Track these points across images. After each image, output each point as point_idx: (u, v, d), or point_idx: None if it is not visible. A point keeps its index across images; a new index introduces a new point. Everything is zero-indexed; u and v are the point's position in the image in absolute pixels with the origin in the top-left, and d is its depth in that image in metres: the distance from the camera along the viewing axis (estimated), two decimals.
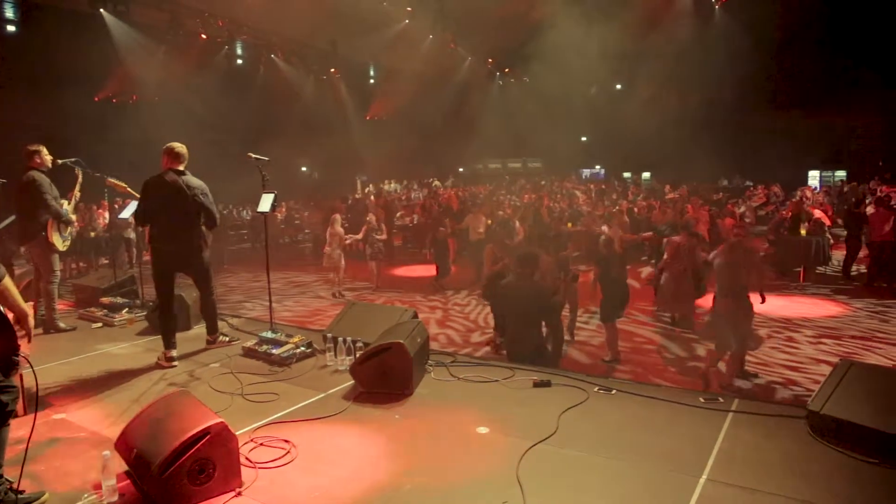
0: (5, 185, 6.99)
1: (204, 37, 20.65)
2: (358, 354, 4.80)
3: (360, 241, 12.13)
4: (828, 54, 21.99)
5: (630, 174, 30.79)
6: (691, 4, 22.17)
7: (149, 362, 5.48)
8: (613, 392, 4.50)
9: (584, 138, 31.55)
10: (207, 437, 3.11)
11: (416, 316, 5.60)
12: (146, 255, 5.95)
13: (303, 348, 5.51)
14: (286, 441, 3.79)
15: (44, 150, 6.46)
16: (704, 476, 3.28)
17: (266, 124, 22.92)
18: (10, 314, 3.06)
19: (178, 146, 5.52)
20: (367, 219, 12.22)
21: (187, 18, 19.94)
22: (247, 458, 3.52)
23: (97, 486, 3.22)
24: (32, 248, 6.57)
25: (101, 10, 17.75)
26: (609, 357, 7.15)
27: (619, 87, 29.20)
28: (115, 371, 5.31)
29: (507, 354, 5.98)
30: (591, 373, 5.43)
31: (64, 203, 6.63)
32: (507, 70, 30.93)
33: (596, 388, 4.55)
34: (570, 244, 9.96)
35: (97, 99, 20.39)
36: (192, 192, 5.42)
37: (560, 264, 7.31)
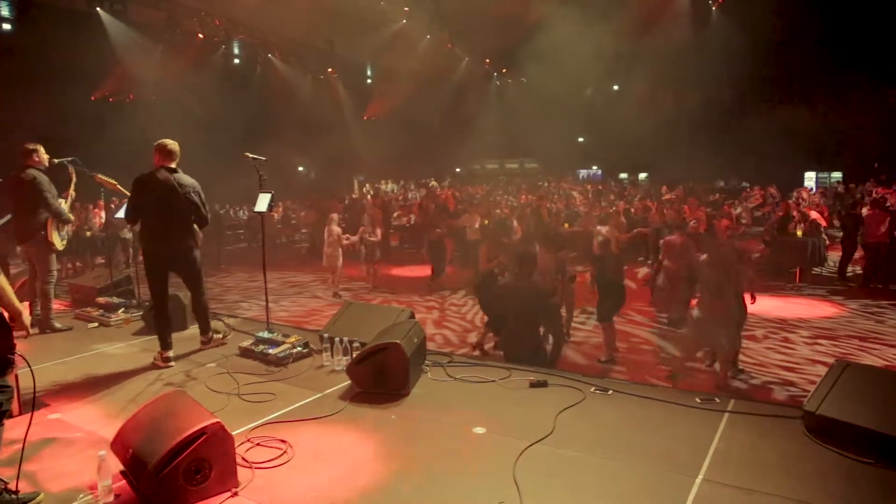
0: (0, 184, 6.96)
1: (201, 36, 20.60)
2: (355, 354, 4.79)
3: (356, 242, 12.14)
4: (825, 55, 22.03)
5: (627, 175, 30.84)
6: (688, 5, 22.20)
7: (145, 362, 5.47)
8: (610, 392, 4.50)
9: (581, 139, 31.58)
10: (204, 437, 3.11)
11: (412, 316, 5.60)
12: (142, 255, 5.94)
13: (299, 348, 5.51)
14: (283, 441, 3.78)
15: (41, 149, 6.44)
16: (701, 476, 3.29)
17: (263, 124, 22.88)
18: (6, 313, 3.05)
19: (171, 143, 5.44)
20: (362, 219, 12.25)
21: (184, 18, 19.89)
22: (243, 458, 3.52)
23: (93, 487, 3.22)
24: (31, 246, 6.54)
25: (98, 8, 17.68)
26: (605, 357, 7.16)
27: (616, 88, 29.24)
28: (111, 371, 5.29)
29: (504, 354, 5.98)
30: (587, 373, 5.43)
31: (61, 202, 6.62)
32: (504, 70, 30.91)
33: (592, 389, 4.56)
34: (568, 245, 9.95)
35: (94, 98, 20.32)
36: (184, 190, 5.34)
37: (558, 265, 7.31)
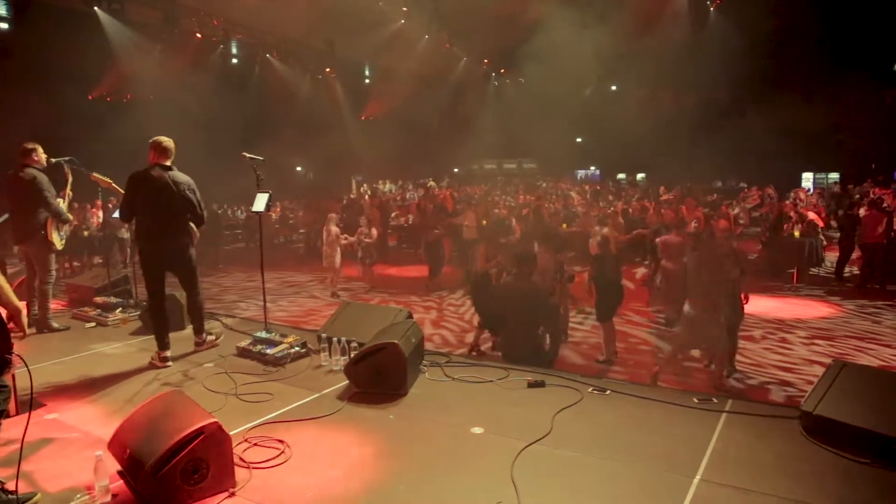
0: None
1: (199, 36, 20.56)
2: (352, 355, 4.79)
3: (354, 242, 12.15)
4: (822, 56, 22.07)
5: (625, 175, 30.85)
6: (686, 5, 22.23)
7: (142, 362, 5.46)
8: (607, 392, 4.51)
9: (579, 139, 31.60)
10: (201, 437, 3.10)
11: (410, 316, 5.60)
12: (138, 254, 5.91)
13: (297, 348, 5.50)
14: (280, 441, 3.78)
15: (39, 149, 6.43)
16: (698, 476, 3.29)
17: (261, 124, 22.84)
18: (4, 312, 3.04)
19: (165, 140, 5.39)
20: (360, 220, 12.29)
21: (182, 17, 19.85)
22: (241, 459, 3.52)
23: (90, 487, 3.21)
24: (30, 246, 6.52)
25: (96, 7, 17.64)
26: (603, 357, 7.16)
27: (614, 88, 29.27)
28: (109, 371, 5.28)
29: (503, 354, 5.98)
30: (585, 373, 5.44)
31: (59, 202, 6.61)
32: (502, 70, 30.92)
33: (590, 389, 4.56)
34: (567, 245, 9.97)
35: (91, 97, 20.28)
36: (179, 188, 5.30)
37: (556, 265, 7.32)
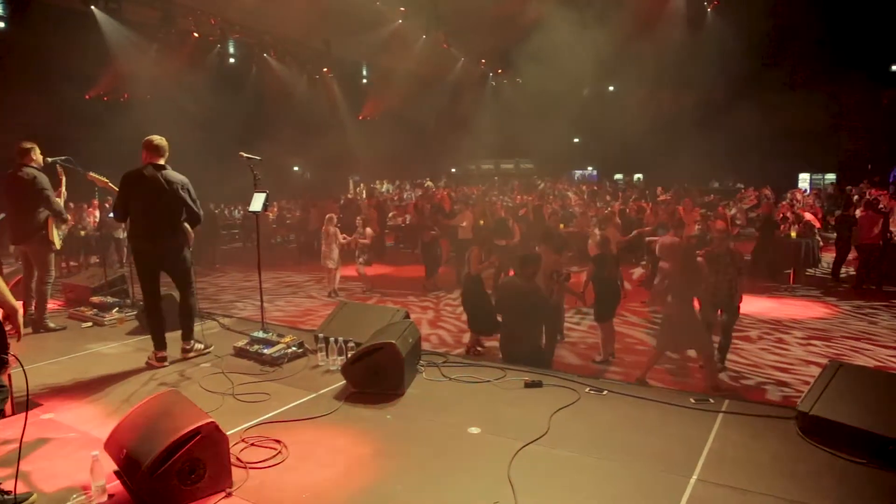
0: None
1: (196, 35, 20.51)
2: (349, 354, 4.79)
3: (351, 241, 12.16)
4: (819, 56, 22.13)
5: (622, 175, 30.88)
6: (684, 6, 22.26)
7: (139, 362, 5.44)
8: (604, 393, 4.51)
9: (576, 139, 31.62)
10: (198, 437, 3.09)
11: (407, 316, 5.59)
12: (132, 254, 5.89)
13: (294, 348, 5.49)
14: (277, 441, 3.78)
15: (37, 148, 6.41)
16: (695, 476, 3.30)
17: (258, 123, 22.83)
18: (0, 311, 3.04)
19: (157, 139, 5.31)
20: (356, 221, 12.31)
21: (179, 16, 19.81)
22: (237, 459, 3.51)
23: (86, 487, 3.20)
24: (30, 246, 6.49)
25: (93, 7, 17.60)
26: (601, 357, 7.18)
27: (611, 89, 29.29)
28: (105, 371, 5.27)
29: (503, 354, 5.98)
30: (582, 373, 5.45)
31: (59, 201, 6.59)
32: (499, 71, 30.91)
33: (587, 389, 4.57)
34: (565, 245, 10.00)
35: (88, 97, 20.25)
36: (172, 187, 5.22)
37: (556, 265, 7.33)
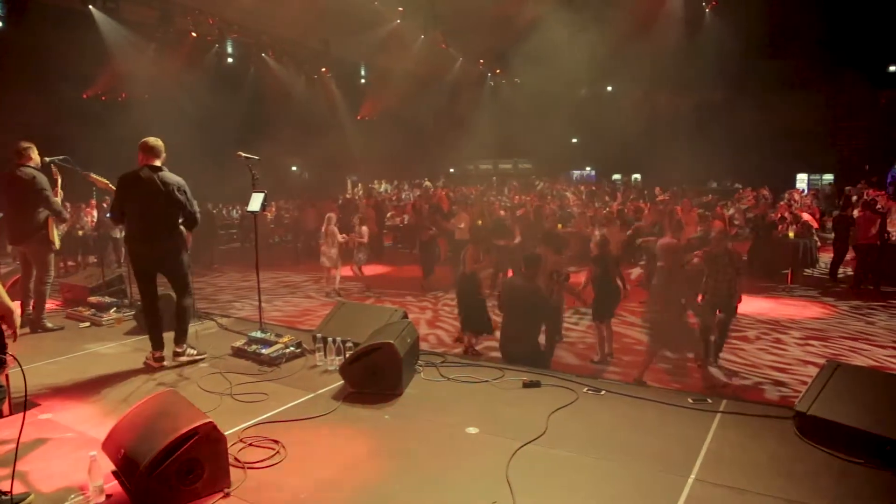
0: None
1: (194, 35, 20.47)
2: (348, 355, 4.78)
3: (349, 240, 12.17)
4: (817, 57, 22.17)
5: (620, 176, 30.90)
6: (682, 7, 22.27)
7: (137, 362, 5.43)
8: (602, 393, 4.51)
9: (574, 139, 31.64)
10: (196, 437, 3.09)
11: (405, 316, 5.59)
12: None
13: (292, 348, 5.49)
14: (275, 441, 3.77)
15: (35, 148, 6.40)
16: (693, 476, 3.30)
17: (256, 123, 22.79)
18: None
19: (152, 140, 5.26)
20: (353, 220, 12.32)
21: (177, 16, 19.75)
22: (235, 459, 3.51)
23: (84, 487, 3.20)
24: (30, 246, 6.47)
25: (91, 6, 17.55)
26: (598, 357, 7.19)
27: (609, 89, 29.31)
28: (103, 371, 5.26)
29: (502, 354, 5.99)
30: (580, 373, 5.45)
31: (57, 201, 6.58)
32: (498, 71, 30.90)
33: (585, 389, 4.57)
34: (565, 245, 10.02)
35: (86, 96, 20.22)
36: (168, 189, 5.15)
37: (555, 266, 7.34)
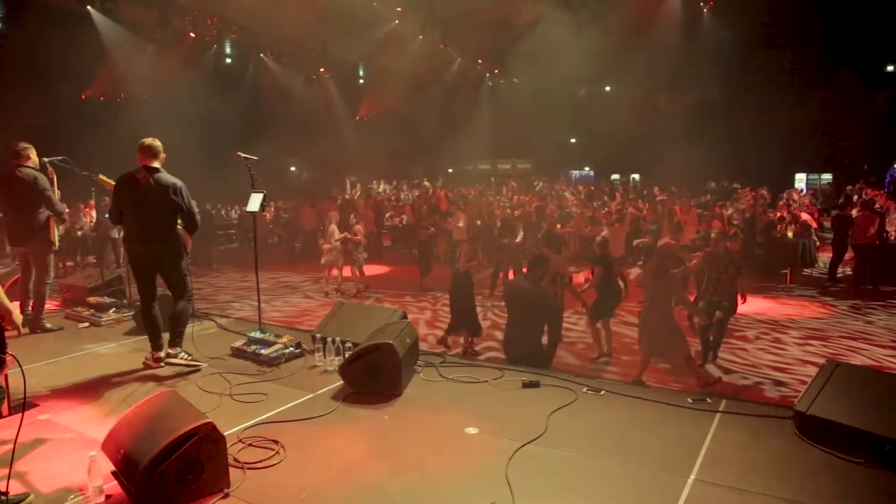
0: None
1: (193, 35, 20.43)
2: (347, 355, 4.78)
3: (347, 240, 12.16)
4: (815, 57, 22.20)
5: (619, 175, 30.92)
6: (680, 7, 22.28)
7: (136, 362, 5.42)
8: (602, 393, 4.52)
9: (573, 139, 31.64)
10: (195, 437, 3.09)
11: (405, 316, 5.59)
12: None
13: (291, 348, 5.48)
14: (274, 441, 3.77)
15: (33, 149, 6.39)
16: (692, 476, 3.30)
17: (255, 124, 22.76)
18: None
19: (149, 140, 5.21)
20: (350, 219, 12.29)
21: (176, 16, 19.70)
22: (235, 459, 3.50)
23: (83, 488, 3.20)
24: (30, 246, 6.46)
25: (89, 6, 17.52)
26: (595, 355, 7.20)
27: (608, 89, 29.32)
28: (102, 371, 5.25)
29: (505, 354, 5.99)
30: (579, 373, 5.45)
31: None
32: (496, 71, 30.89)
33: (584, 389, 4.57)
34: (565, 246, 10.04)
35: (84, 97, 20.20)
36: (164, 190, 5.11)
37: (556, 266, 7.35)
